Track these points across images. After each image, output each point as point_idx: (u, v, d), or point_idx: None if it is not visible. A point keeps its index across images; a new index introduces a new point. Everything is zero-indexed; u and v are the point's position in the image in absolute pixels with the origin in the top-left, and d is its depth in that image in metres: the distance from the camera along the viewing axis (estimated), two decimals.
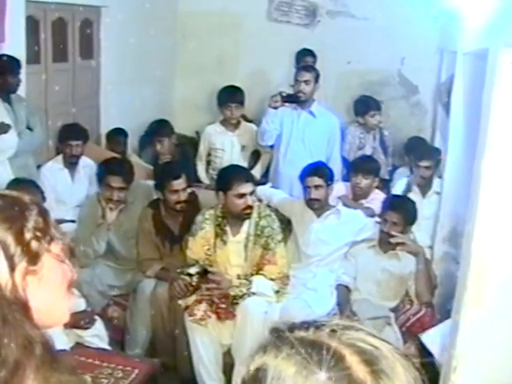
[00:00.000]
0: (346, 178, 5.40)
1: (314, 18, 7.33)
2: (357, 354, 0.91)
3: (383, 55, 6.85)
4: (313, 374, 0.88)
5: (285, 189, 5.27)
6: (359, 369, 0.89)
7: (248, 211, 4.26)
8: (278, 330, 0.97)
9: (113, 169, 4.65)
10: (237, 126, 6.09)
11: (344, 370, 0.88)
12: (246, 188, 4.24)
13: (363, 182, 5.08)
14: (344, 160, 5.82)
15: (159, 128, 5.93)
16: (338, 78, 7.06)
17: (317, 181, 4.53)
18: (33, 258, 1.20)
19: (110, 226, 4.65)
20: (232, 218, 4.32)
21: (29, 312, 1.16)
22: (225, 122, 6.10)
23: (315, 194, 4.54)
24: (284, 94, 5.34)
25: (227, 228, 4.35)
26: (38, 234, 1.21)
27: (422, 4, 6.06)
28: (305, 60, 6.59)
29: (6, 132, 4.63)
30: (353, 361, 0.89)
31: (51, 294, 1.24)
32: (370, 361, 0.90)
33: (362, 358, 0.90)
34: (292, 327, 0.97)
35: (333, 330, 0.94)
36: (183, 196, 4.54)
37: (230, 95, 6.08)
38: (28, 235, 1.20)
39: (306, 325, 0.97)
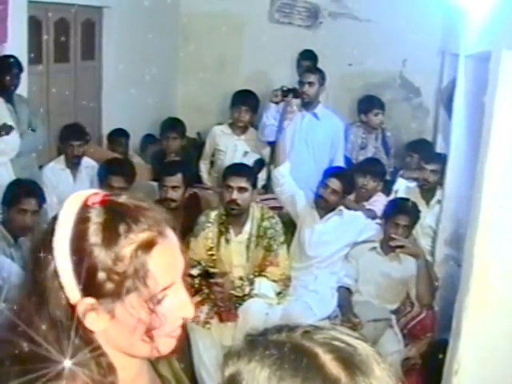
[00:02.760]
0: None
1: (315, 19, 7.33)
2: (330, 352, 0.90)
3: (385, 57, 6.85)
4: (287, 374, 0.88)
5: None
6: (333, 366, 0.88)
7: (233, 206, 4.24)
8: (251, 334, 0.97)
9: (114, 169, 4.65)
10: (244, 130, 6.08)
11: (318, 369, 0.88)
12: (234, 181, 4.25)
13: (370, 184, 5.09)
14: (346, 159, 5.83)
15: (173, 126, 5.97)
16: (340, 79, 7.05)
17: (335, 184, 4.53)
18: (101, 297, 1.12)
19: None
20: (232, 216, 4.32)
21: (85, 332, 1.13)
22: (233, 125, 6.11)
23: (328, 196, 4.52)
24: (285, 89, 5.34)
25: (230, 227, 4.35)
26: (116, 277, 1.11)
27: (424, 6, 6.06)
28: (305, 62, 6.58)
29: (8, 133, 4.63)
30: (326, 359, 0.89)
31: (119, 335, 1.17)
32: (344, 358, 0.89)
33: (336, 356, 0.89)
34: (265, 331, 0.96)
35: (306, 331, 0.94)
36: (174, 194, 4.50)
37: (241, 98, 6.10)
38: (101, 275, 1.11)
39: (279, 328, 0.96)
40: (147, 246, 1.12)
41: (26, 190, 4.17)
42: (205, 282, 4.25)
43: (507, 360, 2.95)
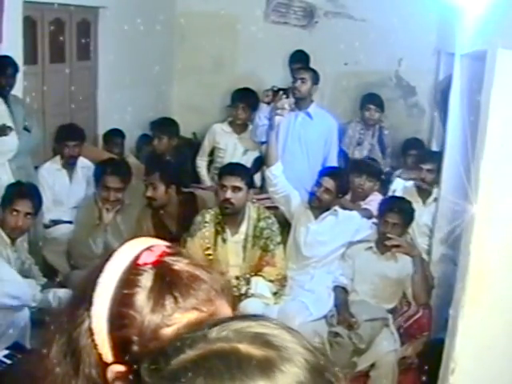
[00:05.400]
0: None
1: (311, 19, 7.33)
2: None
3: (381, 56, 6.85)
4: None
5: None
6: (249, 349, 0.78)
7: (226, 205, 4.24)
8: (152, 363, 0.82)
9: (110, 169, 4.65)
10: (244, 129, 6.10)
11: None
12: (228, 180, 4.25)
13: (367, 183, 5.10)
14: (344, 154, 5.83)
15: (163, 125, 5.98)
16: (336, 79, 7.05)
17: (328, 183, 4.52)
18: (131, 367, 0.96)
19: (106, 226, 4.65)
20: (228, 216, 4.32)
21: None
22: (233, 123, 6.13)
23: (321, 194, 4.51)
24: (275, 89, 5.33)
25: (226, 227, 4.35)
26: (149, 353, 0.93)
27: (419, 5, 6.06)
28: (296, 65, 6.56)
29: (6, 134, 4.63)
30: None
31: None
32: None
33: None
34: (167, 358, 0.81)
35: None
36: (153, 193, 4.48)
37: (239, 96, 6.15)
38: (135, 347, 0.99)
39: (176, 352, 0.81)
40: (192, 327, 0.96)
41: (20, 191, 4.17)
42: None
43: (503, 358, 2.96)
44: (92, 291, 1.02)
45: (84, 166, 5.30)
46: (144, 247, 1.05)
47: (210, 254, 4.34)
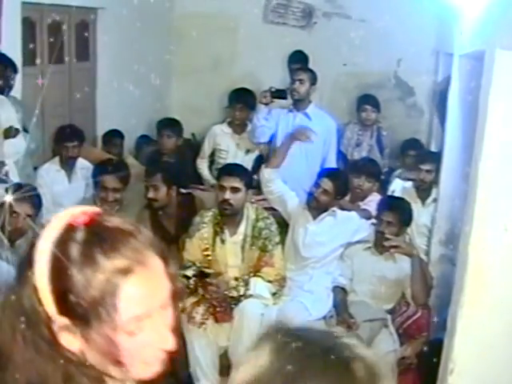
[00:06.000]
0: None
1: (310, 19, 7.33)
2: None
3: (379, 57, 6.85)
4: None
5: None
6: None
7: (225, 206, 4.25)
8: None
9: (107, 169, 4.65)
10: (243, 129, 6.11)
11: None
12: (226, 181, 4.26)
13: (366, 184, 5.10)
14: (342, 155, 5.83)
15: (169, 124, 6.04)
16: (334, 79, 7.05)
17: (326, 184, 4.52)
18: (73, 319, 1.12)
19: None
20: (226, 217, 4.32)
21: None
22: (232, 124, 6.13)
23: (319, 195, 4.51)
24: (273, 90, 5.33)
25: (225, 227, 4.36)
26: (86, 302, 1.10)
27: (418, 6, 6.06)
28: (295, 65, 6.57)
29: (15, 136, 4.65)
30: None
31: (93, 357, 1.15)
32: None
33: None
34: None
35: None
36: (155, 194, 4.49)
37: (237, 96, 6.16)
38: (73, 298, 1.10)
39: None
40: (121, 274, 1.10)
41: (25, 197, 4.16)
42: (200, 283, 4.25)
43: (502, 359, 2.96)
44: (33, 253, 1.13)
45: (83, 167, 5.30)
46: (79, 211, 1.18)
47: (208, 255, 4.34)
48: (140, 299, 1.12)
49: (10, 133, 4.62)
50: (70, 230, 1.14)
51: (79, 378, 1.13)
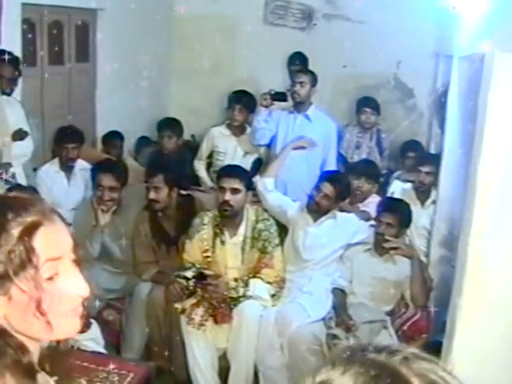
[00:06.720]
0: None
1: (309, 21, 7.33)
2: (424, 383, 0.90)
3: (379, 59, 6.84)
4: None
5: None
6: None
7: (225, 207, 4.25)
8: (350, 348, 0.96)
9: (103, 168, 4.65)
10: (242, 131, 6.10)
11: None
12: (226, 182, 4.27)
13: (365, 186, 5.10)
14: (342, 158, 5.82)
15: (170, 124, 6.06)
16: (334, 81, 7.06)
17: (327, 188, 4.51)
18: None
19: (103, 228, 4.64)
20: (226, 218, 4.32)
21: None
22: (231, 126, 6.12)
23: (320, 200, 4.50)
24: (273, 92, 5.33)
25: (225, 229, 4.36)
26: (4, 258, 1.20)
27: (418, 8, 6.07)
28: (295, 67, 6.58)
29: (23, 139, 4.66)
30: None
31: (15, 315, 1.24)
32: None
33: None
34: (365, 348, 0.96)
35: (405, 358, 0.93)
36: (156, 195, 4.48)
37: (236, 98, 6.15)
38: None
39: (379, 348, 0.95)
40: (33, 226, 1.22)
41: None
42: (199, 284, 4.25)
43: (501, 361, 2.96)
44: None
45: (82, 168, 5.30)
46: None
47: (208, 256, 4.34)
48: (51, 244, 1.24)
49: (18, 135, 4.64)
50: None
51: (4, 348, 1.21)
